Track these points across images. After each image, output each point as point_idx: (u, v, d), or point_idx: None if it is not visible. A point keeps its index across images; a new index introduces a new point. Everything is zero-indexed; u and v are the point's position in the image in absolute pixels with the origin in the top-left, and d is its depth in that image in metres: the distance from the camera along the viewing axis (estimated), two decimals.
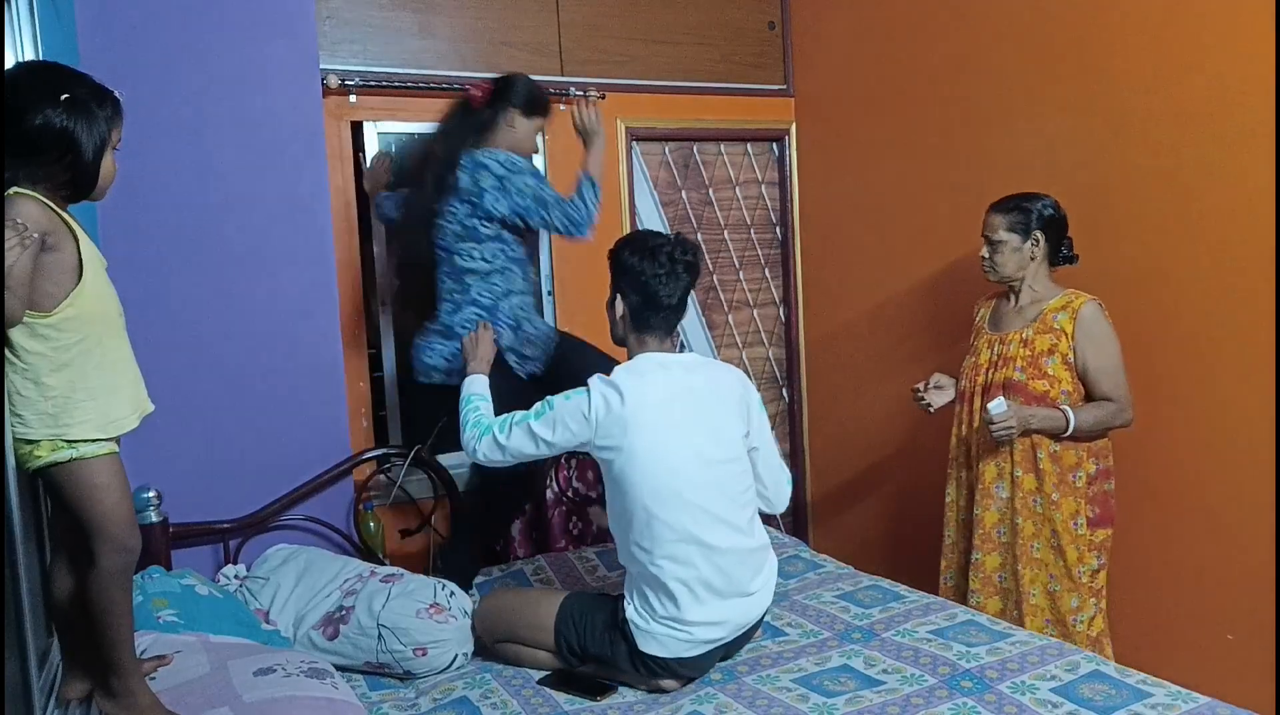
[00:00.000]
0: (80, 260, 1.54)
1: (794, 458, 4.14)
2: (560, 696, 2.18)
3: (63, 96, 1.49)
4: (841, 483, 3.97)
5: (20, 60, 1.83)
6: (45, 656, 1.70)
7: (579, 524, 3.36)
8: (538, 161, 3.56)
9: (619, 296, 2.29)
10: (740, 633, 2.27)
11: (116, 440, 1.60)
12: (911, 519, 3.63)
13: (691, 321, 3.91)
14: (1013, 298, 2.75)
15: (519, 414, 2.27)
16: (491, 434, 2.29)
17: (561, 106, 3.51)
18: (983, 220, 2.72)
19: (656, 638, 2.16)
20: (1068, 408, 2.57)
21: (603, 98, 3.55)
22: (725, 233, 3.99)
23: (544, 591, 2.57)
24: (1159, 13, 2.67)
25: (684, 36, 3.75)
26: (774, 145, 4.04)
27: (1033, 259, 2.67)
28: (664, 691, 2.19)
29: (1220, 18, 2.53)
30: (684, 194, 3.88)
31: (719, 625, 2.19)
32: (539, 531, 3.26)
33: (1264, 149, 2.45)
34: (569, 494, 3.33)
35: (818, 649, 2.35)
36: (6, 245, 1.37)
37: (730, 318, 4.01)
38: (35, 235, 1.43)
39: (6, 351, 1.48)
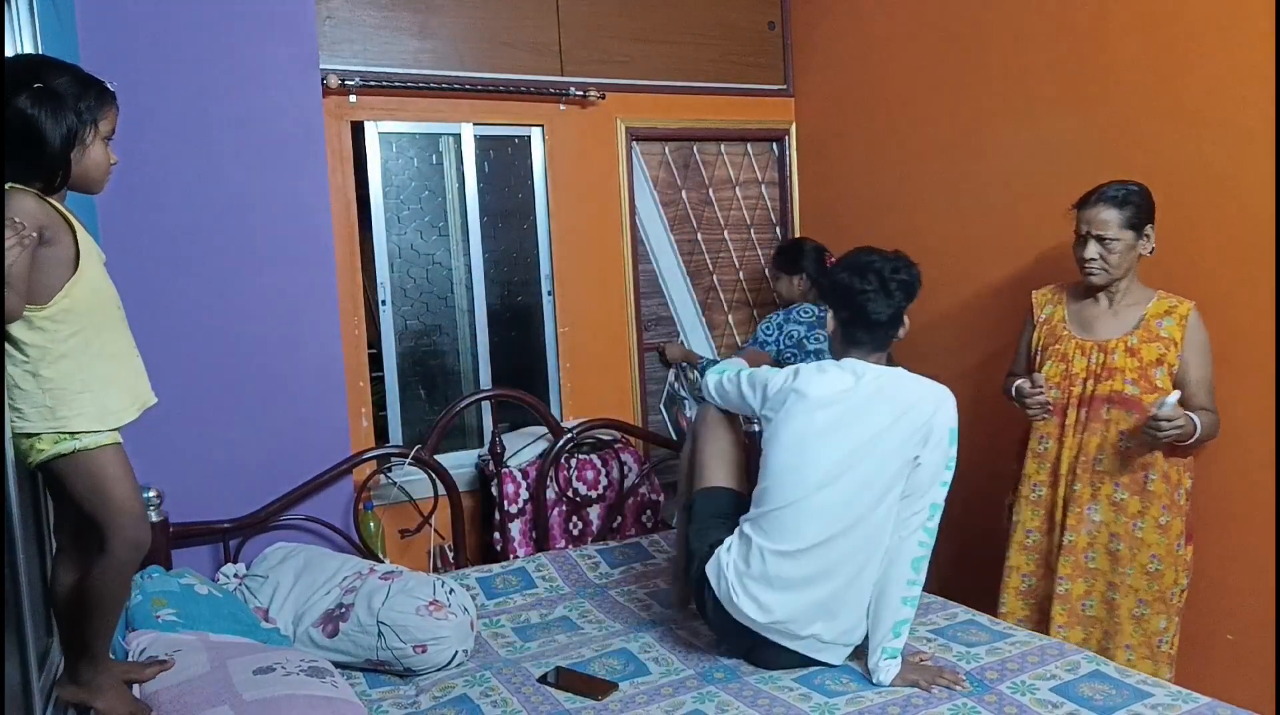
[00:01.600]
0: (77, 253, 1.54)
1: None
2: (560, 695, 2.18)
3: (35, 86, 1.49)
4: None
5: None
6: (45, 656, 1.70)
7: (579, 524, 3.36)
8: (538, 164, 3.57)
9: (830, 313, 2.34)
10: (774, 639, 2.21)
11: (118, 432, 1.61)
12: None
13: (691, 321, 3.91)
14: (1103, 298, 2.51)
15: (741, 371, 2.46)
16: (720, 377, 2.49)
17: (561, 106, 3.53)
18: (1079, 215, 2.48)
19: (718, 570, 2.23)
20: (1194, 415, 2.34)
21: (603, 98, 3.55)
22: (725, 233, 3.99)
23: (731, 466, 2.51)
24: (1159, 13, 2.67)
25: (684, 36, 3.75)
26: (774, 145, 4.04)
27: (1140, 256, 2.45)
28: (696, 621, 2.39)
29: (1220, 18, 2.53)
30: (684, 194, 3.88)
31: (763, 610, 2.17)
32: (539, 531, 3.26)
33: (1264, 149, 2.45)
34: (569, 494, 3.33)
35: None
36: (6, 244, 1.37)
37: (730, 318, 4.01)
38: (34, 234, 1.43)
39: (8, 345, 1.48)
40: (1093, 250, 2.44)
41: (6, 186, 1.47)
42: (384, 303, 3.35)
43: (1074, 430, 2.49)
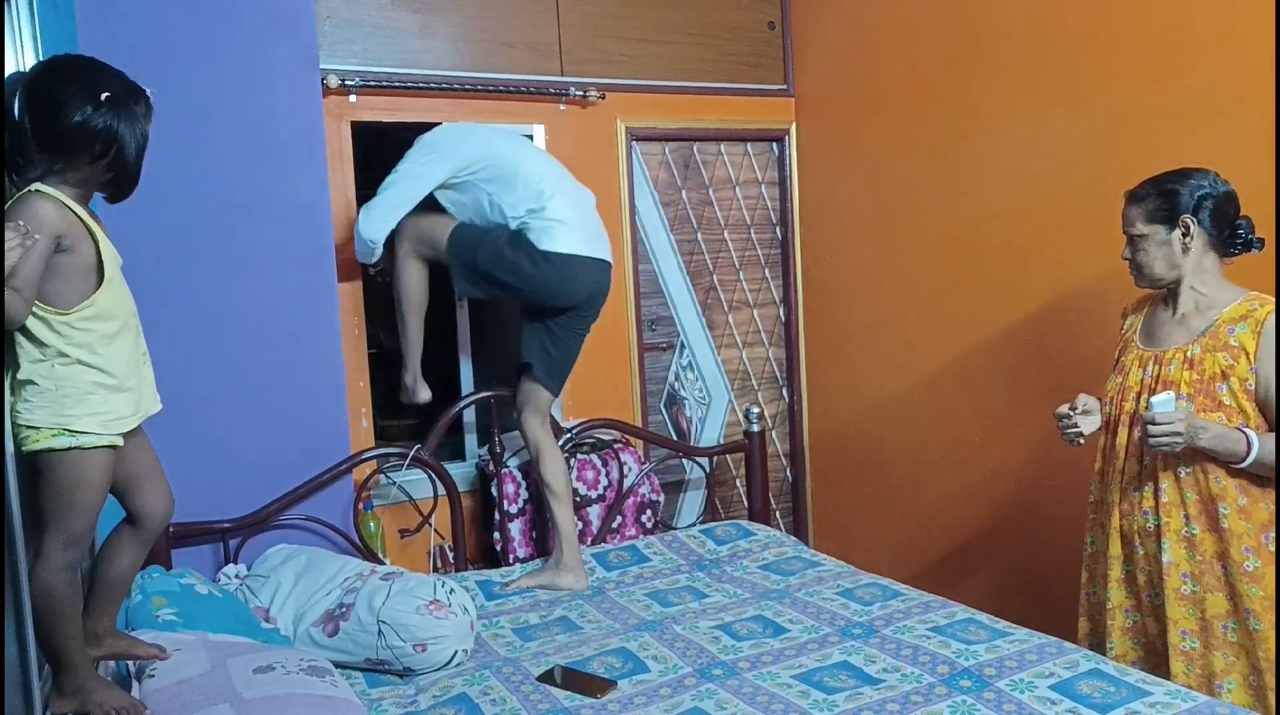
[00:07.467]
0: (100, 261, 1.55)
1: (793, 457, 4.14)
2: (560, 693, 2.18)
3: (103, 95, 1.50)
4: (841, 480, 3.97)
5: (43, 57, 1.84)
6: None
7: (579, 524, 3.35)
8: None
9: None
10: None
11: (118, 437, 1.61)
12: (921, 525, 3.63)
13: (692, 321, 3.91)
14: (1171, 304, 2.22)
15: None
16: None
17: (561, 106, 3.53)
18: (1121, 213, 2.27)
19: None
20: (1251, 432, 2.03)
21: (603, 98, 3.56)
22: (725, 233, 3.99)
23: (446, 218, 3.00)
24: (1159, 12, 2.67)
25: (684, 36, 3.76)
26: (774, 145, 4.04)
27: (1185, 252, 2.14)
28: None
29: (1220, 18, 2.53)
30: (684, 194, 3.89)
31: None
32: (538, 531, 3.26)
33: (1264, 149, 2.45)
34: None
35: (818, 645, 2.35)
36: (7, 246, 1.38)
37: (730, 318, 4.01)
38: (38, 237, 1.44)
39: (26, 341, 1.50)
40: (1125, 250, 2.24)
41: (33, 187, 1.48)
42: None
43: (1125, 451, 2.23)
